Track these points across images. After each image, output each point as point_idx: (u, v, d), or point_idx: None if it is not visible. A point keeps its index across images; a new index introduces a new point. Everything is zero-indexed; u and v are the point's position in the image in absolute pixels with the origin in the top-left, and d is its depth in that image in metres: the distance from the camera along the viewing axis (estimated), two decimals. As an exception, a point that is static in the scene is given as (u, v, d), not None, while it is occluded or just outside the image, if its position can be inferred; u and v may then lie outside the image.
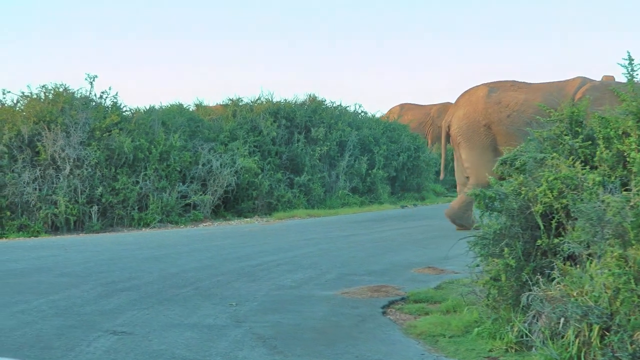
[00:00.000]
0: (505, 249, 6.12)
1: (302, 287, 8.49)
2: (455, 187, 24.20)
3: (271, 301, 7.70)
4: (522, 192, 6.30)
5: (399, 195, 20.73)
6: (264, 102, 19.68)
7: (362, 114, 21.84)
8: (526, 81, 13.54)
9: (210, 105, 20.56)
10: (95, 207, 15.47)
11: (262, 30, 51.24)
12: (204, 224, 16.13)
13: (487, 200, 6.50)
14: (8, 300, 7.66)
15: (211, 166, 16.88)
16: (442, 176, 15.04)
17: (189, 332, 6.33)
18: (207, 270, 9.59)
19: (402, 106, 30.40)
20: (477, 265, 6.81)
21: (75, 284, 8.63)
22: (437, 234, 13.16)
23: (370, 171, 19.71)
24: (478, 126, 13.21)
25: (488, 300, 6.34)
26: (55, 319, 6.81)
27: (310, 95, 20.44)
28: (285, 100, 20.09)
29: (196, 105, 20.16)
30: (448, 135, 13.86)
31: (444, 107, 28.98)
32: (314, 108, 19.83)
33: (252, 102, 19.86)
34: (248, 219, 16.85)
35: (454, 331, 6.48)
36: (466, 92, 13.82)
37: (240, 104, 19.77)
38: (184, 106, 19.59)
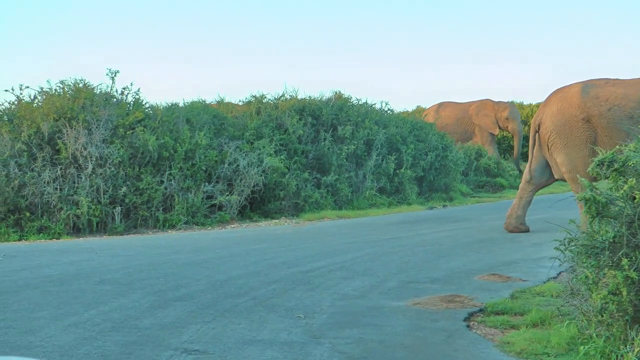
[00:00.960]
0: (624, 260, 5.50)
1: (367, 296, 7.90)
2: (482, 187, 23.71)
3: (341, 313, 7.10)
4: (637, 197, 5.69)
5: (427, 196, 20.10)
6: (289, 99, 19.04)
7: (389, 111, 21.22)
8: (618, 77, 12.90)
9: (232, 102, 19.88)
10: (118, 208, 14.85)
11: (282, 27, 50.65)
12: (232, 226, 15.52)
13: (598, 206, 5.87)
14: (56, 312, 7.05)
15: (238, 165, 16.25)
16: (527, 177, 13.83)
17: (269, 350, 5.73)
18: (256, 277, 8.99)
19: (440, 105, 29.81)
20: (555, 277, 6.20)
21: (121, 292, 8.02)
22: (483, 236, 12.58)
23: (397, 171, 19.07)
24: (575, 120, 12.51)
25: (602, 316, 5.71)
26: (115, 334, 6.20)
27: (336, 92, 19.85)
28: (310, 97, 19.48)
29: (218, 102, 19.45)
30: (536, 136, 13.11)
31: (483, 105, 28.45)
32: (340, 105, 19.20)
33: (275, 99, 19.23)
34: (276, 221, 16.23)
35: (556, 349, 5.90)
36: (557, 90, 13.14)
37: (264, 100, 19.13)
38: (208, 102, 18.91)
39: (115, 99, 16.25)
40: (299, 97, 19.25)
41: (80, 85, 16.07)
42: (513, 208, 13.35)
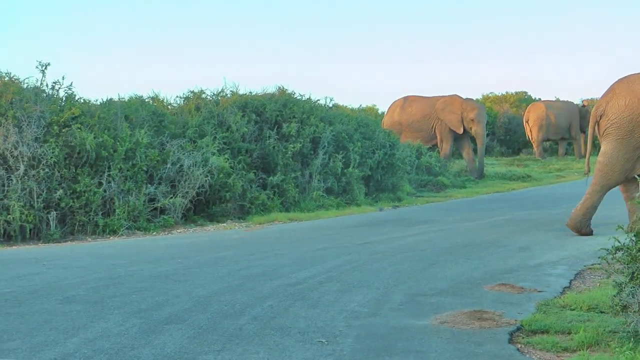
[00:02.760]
0: None
1: (380, 313, 7.01)
2: (424, 186, 23.06)
3: (366, 336, 6.19)
4: None
5: (374, 196, 19.27)
6: (230, 95, 17.96)
7: (334, 107, 20.31)
8: None
9: (168, 98, 18.58)
10: (53, 213, 13.51)
11: (220, 20, 49.24)
12: (178, 231, 14.38)
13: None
14: (31, 342, 5.95)
15: (181, 165, 15.11)
16: (586, 170, 12.80)
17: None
18: (242, 291, 8.00)
19: (406, 99, 28.55)
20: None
21: (96, 314, 6.94)
22: (462, 240, 11.81)
23: (345, 170, 18.17)
24: None
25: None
26: (118, 372, 5.15)
27: (279, 87, 18.85)
28: (251, 92, 18.45)
29: (152, 98, 18.15)
30: (595, 127, 12.27)
31: (451, 100, 27.34)
32: (284, 101, 18.20)
33: (215, 94, 18.12)
34: (224, 225, 15.16)
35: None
36: (624, 80, 12.31)
37: (202, 96, 17.98)
38: (145, 99, 17.64)
39: (45, 94, 14.90)
40: (240, 92, 18.19)
41: (6, 79, 14.70)
42: (577, 207, 12.49)
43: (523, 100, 46.36)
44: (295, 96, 18.85)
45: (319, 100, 19.52)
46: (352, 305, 7.32)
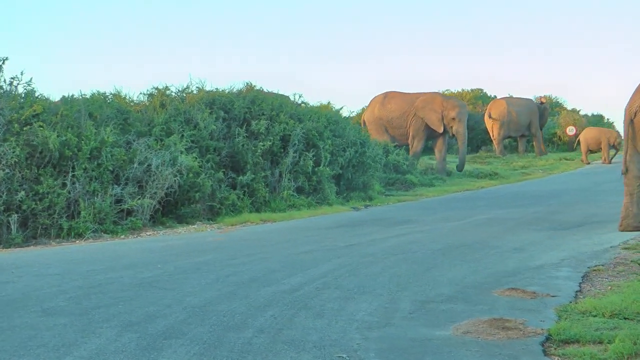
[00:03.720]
0: None
1: (393, 323, 6.51)
2: (392, 184, 22.62)
3: (387, 349, 5.69)
4: None
5: (345, 195, 18.75)
6: (196, 92, 17.29)
7: (303, 104, 19.74)
8: None
9: (131, 95, 17.76)
10: (14, 216, 12.76)
11: (182, 16, 48.29)
12: (147, 233, 13.71)
13: None
14: (22, 364, 5.31)
15: (149, 165, 14.43)
16: (624, 169, 12.26)
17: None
18: (236, 300, 7.45)
19: (386, 95, 27.95)
20: None
21: (84, 328, 6.33)
22: (452, 241, 11.34)
23: (316, 169, 17.61)
24: None
25: None
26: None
27: (247, 84, 18.24)
28: (217, 89, 17.79)
29: (114, 94, 17.36)
30: (630, 125, 11.83)
31: (431, 98, 26.91)
32: (252, 98, 17.60)
33: (180, 91, 17.44)
34: (194, 226, 14.53)
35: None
36: None
37: (167, 93, 17.28)
38: (107, 95, 16.86)
39: (2, 90, 14.13)
40: (207, 89, 17.54)
41: (-41, 74, 13.92)
42: (626, 207, 12.02)
43: (479, 97, 46.35)
44: (263, 92, 18.24)
45: (287, 96, 18.92)
46: (360, 315, 6.81)
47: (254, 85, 18.22)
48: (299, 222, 14.89)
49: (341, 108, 30.67)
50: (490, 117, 37.44)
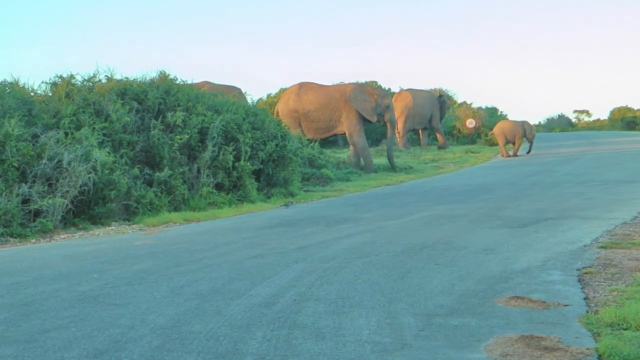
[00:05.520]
0: None
1: (411, 345, 5.57)
2: (307, 179, 21.65)
3: (428, 380, 4.72)
4: None
5: (266, 192, 17.64)
6: (106, 81, 15.85)
7: (220, 95, 18.48)
8: None
9: (31, 84, 16.06)
10: None
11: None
12: (60, 237, 12.30)
13: None
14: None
15: (60, 161, 13.01)
16: None
17: None
18: (209, 317, 6.36)
19: (301, 86, 26.58)
20: None
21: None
22: (414, 241, 10.40)
23: (236, 164, 16.45)
24: None
25: None
26: None
27: (161, 72, 16.89)
28: (128, 78, 16.38)
29: (11, 83, 15.66)
30: None
31: (362, 88, 25.97)
32: (167, 88, 16.29)
33: (87, 80, 15.94)
34: (111, 227, 13.20)
35: None
36: None
37: (73, 82, 15.74)
38: (5, 84, 15.14)
39: None
40: (117, 78, 16.12)
41: None
42: None
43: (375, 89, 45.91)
44: (177, 82, 16.96)
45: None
46: (365, 334, 5.83)
47: (168, 75, 16.89)
48: (226, 221, 13.74)
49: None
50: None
